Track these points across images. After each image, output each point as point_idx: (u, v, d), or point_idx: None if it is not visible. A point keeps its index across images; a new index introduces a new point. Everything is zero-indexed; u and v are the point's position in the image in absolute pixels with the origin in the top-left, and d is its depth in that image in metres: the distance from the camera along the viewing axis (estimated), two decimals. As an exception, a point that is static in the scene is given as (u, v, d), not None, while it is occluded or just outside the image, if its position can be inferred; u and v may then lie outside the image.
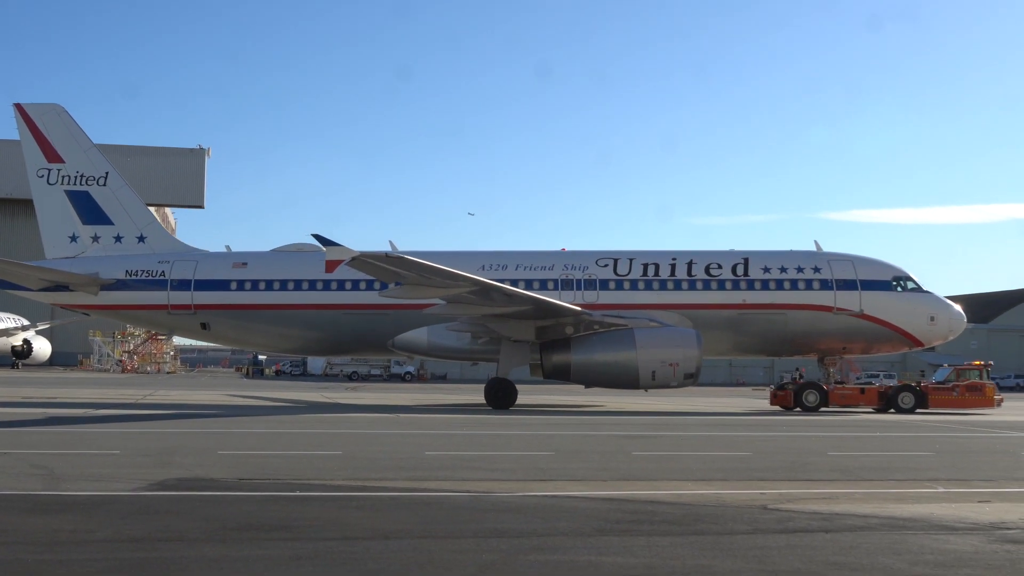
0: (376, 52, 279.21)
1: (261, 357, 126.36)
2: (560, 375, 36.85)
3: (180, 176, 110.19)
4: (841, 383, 40.55)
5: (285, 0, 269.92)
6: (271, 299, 39.60)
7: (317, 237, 32.47)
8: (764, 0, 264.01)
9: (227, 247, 42.68)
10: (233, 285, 39.81)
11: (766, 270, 39.29)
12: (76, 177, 41.42)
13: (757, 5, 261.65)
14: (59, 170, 41.37)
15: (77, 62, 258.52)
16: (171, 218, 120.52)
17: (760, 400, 50.22)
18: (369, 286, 38.47)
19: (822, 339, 39.30)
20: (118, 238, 41.34)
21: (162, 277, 39.92)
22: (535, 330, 36.62)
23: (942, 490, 14.39)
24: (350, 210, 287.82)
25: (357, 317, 39.24)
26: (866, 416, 35.49)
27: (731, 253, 40.31)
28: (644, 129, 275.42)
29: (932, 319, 39.21)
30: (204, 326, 40.30)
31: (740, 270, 39.28)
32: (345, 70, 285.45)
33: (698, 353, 35.39)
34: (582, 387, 39.97)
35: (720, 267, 39.38)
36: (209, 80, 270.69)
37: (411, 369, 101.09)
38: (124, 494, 12.67)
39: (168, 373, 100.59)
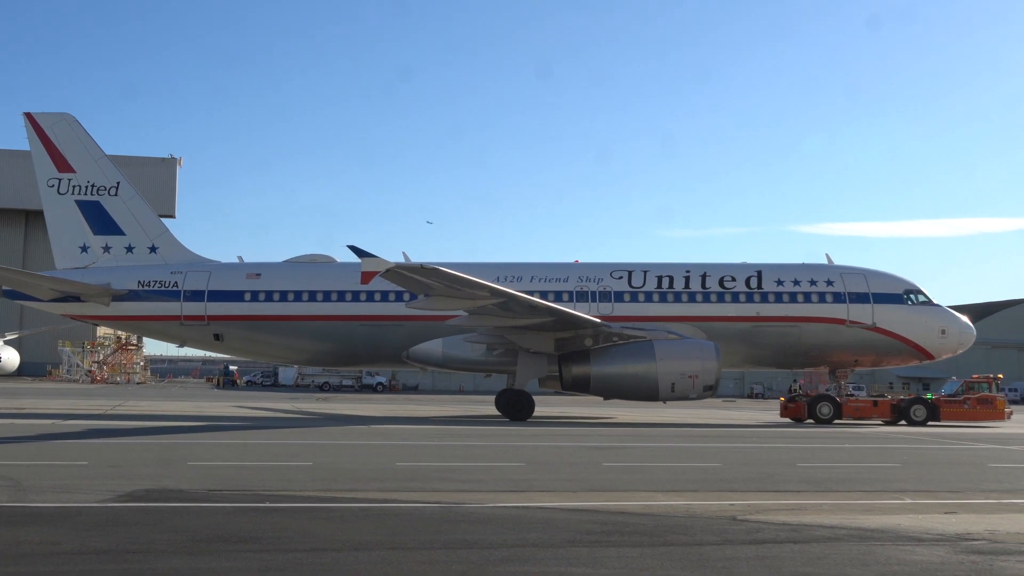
0: (375, 54, 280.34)
1: (232, 368, 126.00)
2: (579, 387, 36.96)
3: (151, 185, 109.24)
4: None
5: (284, 2, 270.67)
6: (286, 310, 39.66)
7: (353, 248, 32.47)
8: (763, 1, 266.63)
9: (239, 258, 42.70)
10: (247, 296, 39.89)
11: (780, 283, 39.68)
12: (87, 187, 41.34)
13: (756, 5, 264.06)
14: (70, 180, 41.31)
15: (77, 68, 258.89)
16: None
17: (743, 411, 50.46)
18: (384, 298, 38.88)
19: (835, 352, 39.71)
20: (129, 248, 41.28)
21: (175, 288, 39.95)
22: (554, 342, 36.81)
23: (909, 501, 14.50)
24: (348, 214, 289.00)
25: (372, 328, 39.40)
26: (873, 429, 35.73)
27: (745, 266, 40.67)
28: (642, 132, 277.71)
29: (943, 332, 39.67)
30: (217, 337, 40.33)
31: (754, 283, 39.66)
32: (344, 73, 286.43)
33: (717, 365, 35.72)
34: (583, 398, 40.15)
35: (734, 280, 39.73)
36: (207, 84, 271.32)
37: (383, 380, 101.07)
38: (92, 505, 12.56)
39: (138, 384, 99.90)
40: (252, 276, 40.41)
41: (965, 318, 40.75)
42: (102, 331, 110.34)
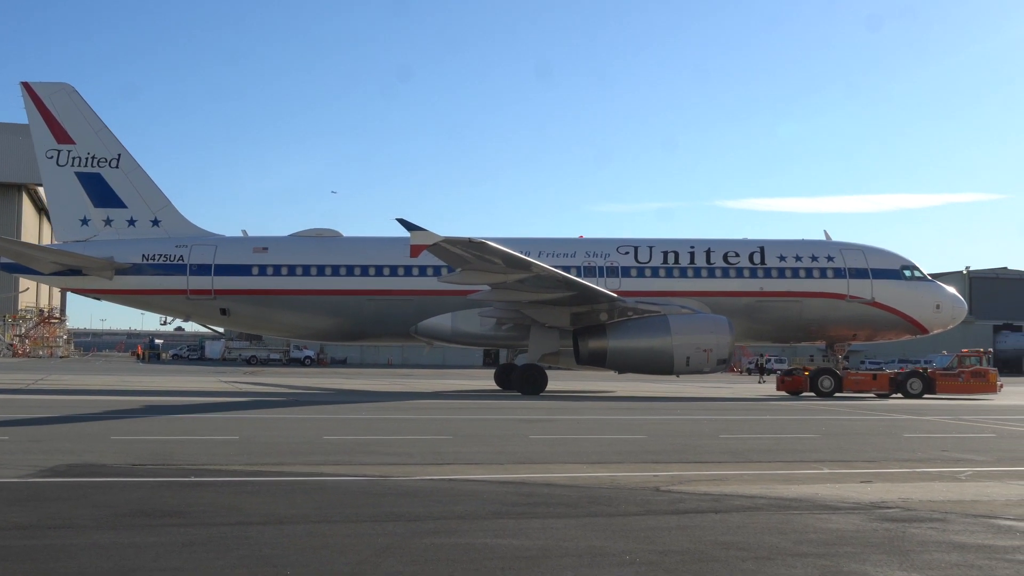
0: (376, 53, 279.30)
1: (157, 341, 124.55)
2: (596, 361, 37.26)
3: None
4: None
5: (285, 1, 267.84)
6: (294, 284, 39.43)
7: (402, 222, 32.19)
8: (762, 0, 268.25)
9: (243, 232, 42.28)
10: (255, 270, 39.54)
11: (782, 258, 40.44)
12: (87, 158, 40.26)
13: (756, 5, 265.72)
14: (69, 151, 40.18)
15: (79, 61, 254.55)
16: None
17: (724, 385, 51.02)
18: (393, 272, 38.95)
19: (834, 326, 40.67)
20: (131, 221, 40.40)
21: (180, 262, 39.37)
22: (570, 316, 37.05)
23: (827, 471, 14.83)
24: (346, 208, 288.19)
25: (381, 303, 39.38)
26: (863, 401, 36.49)
27: (747, 242, 41.41)
28: (643, 128, 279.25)
29: (938, 307, 40.78)
30: (224, 312, 39.89)
31: (757, 258, 40.39)
32: (345, 71, 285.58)
33: (730, 339, 36.47)
34: (582, 373, 40.60)
35: (738, 255, 40.46)
36: (209, 81, 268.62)
37: (311, 354, 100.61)
38: (12, 481, 12.35)
39: (61, 357, 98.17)
40: (259, 250, 40.11)
41: (954, 290, 42.01)
42: (24, 304, 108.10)
